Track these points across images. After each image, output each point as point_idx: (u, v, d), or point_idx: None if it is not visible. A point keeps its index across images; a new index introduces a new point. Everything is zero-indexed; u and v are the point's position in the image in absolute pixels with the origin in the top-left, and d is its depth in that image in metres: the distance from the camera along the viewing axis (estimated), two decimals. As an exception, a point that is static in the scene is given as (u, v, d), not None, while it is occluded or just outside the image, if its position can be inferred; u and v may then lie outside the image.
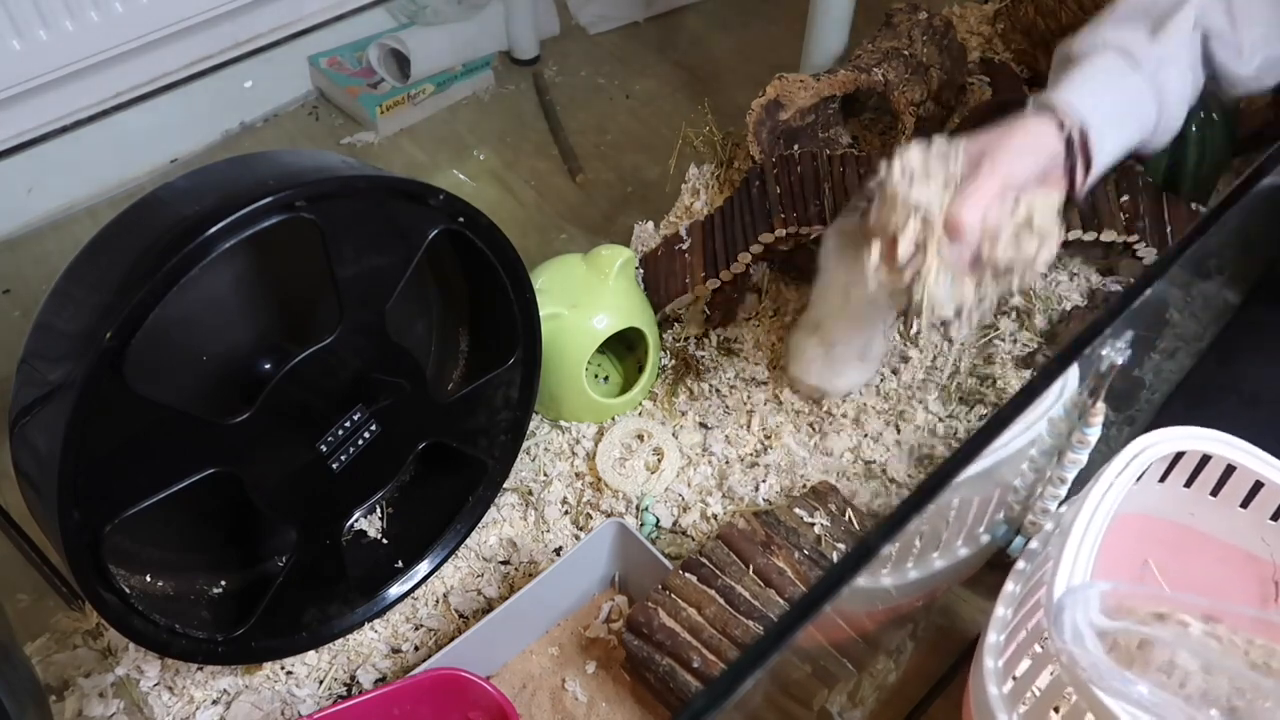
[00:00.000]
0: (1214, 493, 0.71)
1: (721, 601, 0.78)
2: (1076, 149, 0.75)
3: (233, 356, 0.76)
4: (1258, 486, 0.70)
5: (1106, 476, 0.66)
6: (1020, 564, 0.72)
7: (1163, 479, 0.72)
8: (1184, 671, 0.56)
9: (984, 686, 0.65)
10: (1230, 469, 0.70)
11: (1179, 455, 0.71)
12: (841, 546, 0.83)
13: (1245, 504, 0.71)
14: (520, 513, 0.95)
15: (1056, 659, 0.57)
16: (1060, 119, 0.74)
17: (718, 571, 0.80)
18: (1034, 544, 0.73)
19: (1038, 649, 0.63)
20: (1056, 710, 0.61)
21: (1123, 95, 0.77)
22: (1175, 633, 0.57)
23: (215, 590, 0.81)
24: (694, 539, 0.92)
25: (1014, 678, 0.65)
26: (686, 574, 0.80)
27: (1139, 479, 0.68)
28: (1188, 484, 0.71)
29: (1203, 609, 0.58)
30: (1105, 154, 0.76)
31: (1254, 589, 0.74)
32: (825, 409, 1.00)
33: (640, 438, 0.99)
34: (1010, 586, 0.70)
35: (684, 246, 1.09)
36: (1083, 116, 0.74)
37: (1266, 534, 0.71)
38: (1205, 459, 0.71)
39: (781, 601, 0.79)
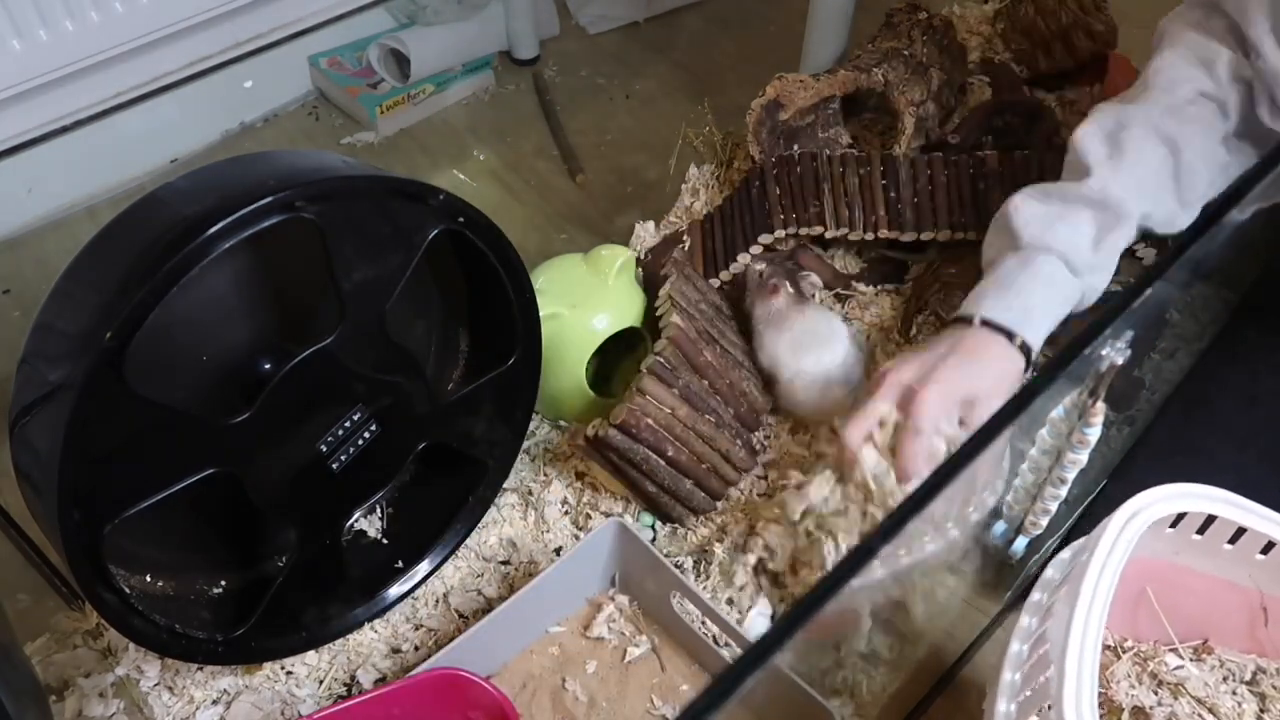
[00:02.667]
0: (1200, 532, 0.72)
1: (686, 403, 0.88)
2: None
3: (233, 356, 0.76)
4: (1241, 530, 0.70)
5: (1099, 554, 0.65)
6: (1025, 619, 0.70)
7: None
8: None
9: None
10: (1212, 517, 0.70)
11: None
12: None
13: (1232, 541, 0.71)
14: (520, 513, 0.95)
15: None
16: (1016, 339, 0.81)
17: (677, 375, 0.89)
18: (1036, 595, 0.71)
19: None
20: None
21: (1060, 299, 0.84)
22: None
23: (215, 590, 0.81)
24: (693, 539, 0.92)
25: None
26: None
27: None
28: (1173, 525, 0.72)
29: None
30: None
31: (1243, 616, 0.75)
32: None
33: (640, 438, 0.99)
34: (1016, 647, 0.69)
35: (684, 246, 1.09)
36: (1032, 336, 0.82)
37: (1253, 570, 0.72)
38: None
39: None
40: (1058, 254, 0.83)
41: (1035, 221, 0.85)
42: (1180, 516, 0.71)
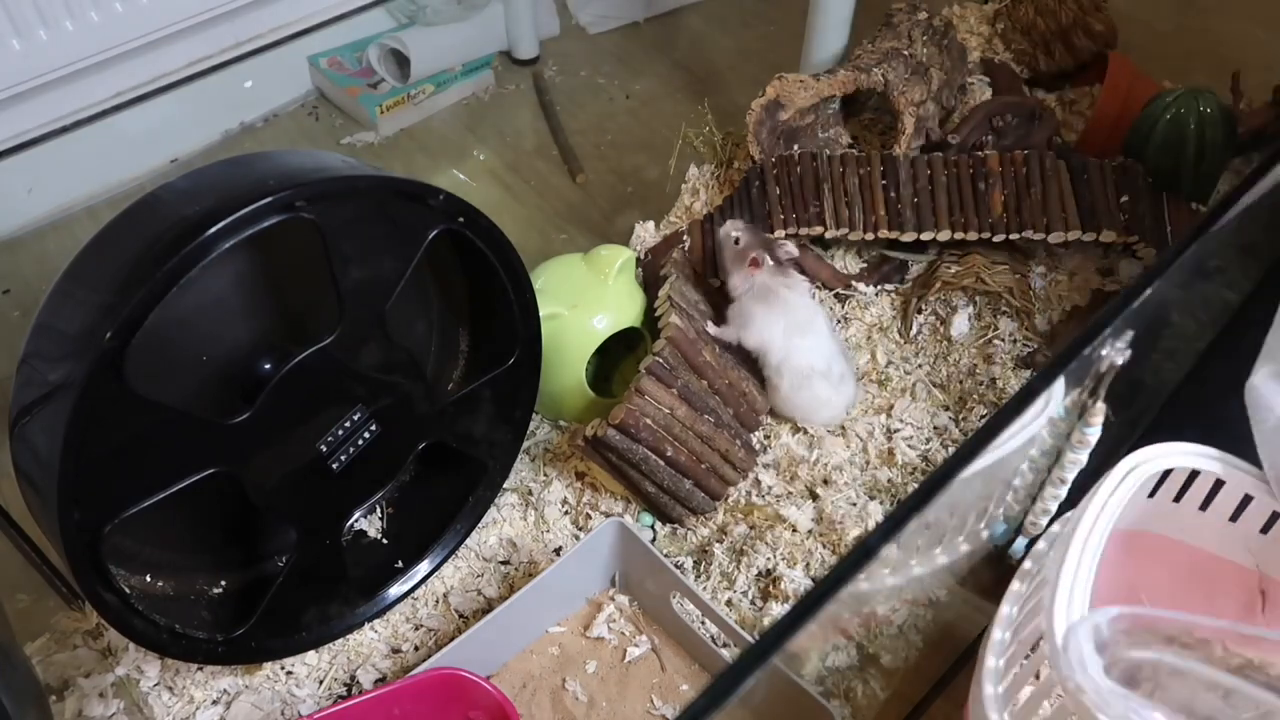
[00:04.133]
0: (1203, 507, 0.71)
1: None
2: None
3: (233, 356, 0.76)
4: (1246, 500, 0.70)
5: (1099, 497, 0.66)
6: (1016, 584, 0.71)
7: (1152, 494, 0.72)
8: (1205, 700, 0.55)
9: (985, 715, 0.65)
10: (1220, 483, 0.70)
11: (1168, 471, 0.71)
12: None
13: (1234, 517, 0.71)
14: (520, 513, 0.95)
15: (1062, 689, 0.56)
16: None
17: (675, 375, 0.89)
18: (1028, 563, 0.72)
19: (1038, 677, 0.62)
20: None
21: None
22: (1190, 658, 0.56)
23: (215, 590, 0.81)
24: (693, 539, 0.92)
25: (1014, 706, 0.65)
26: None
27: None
28: (1176, 499, 0.72)
29: (1208, 630, 0.57)
30: None
31: (1240, 598, 0.75)
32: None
33: (640, 438, 0.98)
34: (1006, 609, 0.70)
35: (684, 246, 1.09)
36: None
37: (1253, 545, 0.72)
38: (1194, 474, 0.71)
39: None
40: None
41: None
42: (1184, 488, 0.70)
